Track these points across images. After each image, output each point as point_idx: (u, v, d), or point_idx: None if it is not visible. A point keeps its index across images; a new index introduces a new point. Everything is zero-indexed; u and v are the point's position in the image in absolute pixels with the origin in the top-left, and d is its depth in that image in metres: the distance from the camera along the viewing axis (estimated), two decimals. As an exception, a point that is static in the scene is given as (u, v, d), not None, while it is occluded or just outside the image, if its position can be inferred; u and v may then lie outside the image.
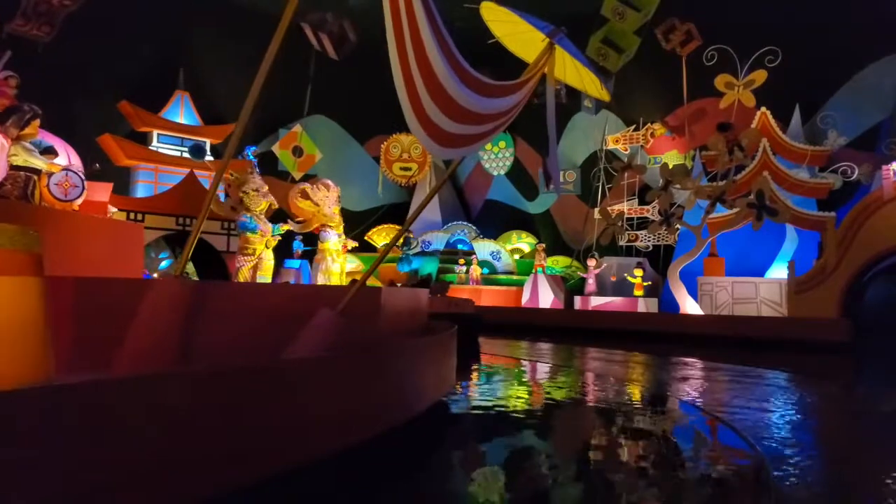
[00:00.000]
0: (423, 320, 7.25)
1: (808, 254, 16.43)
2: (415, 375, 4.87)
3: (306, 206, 7.20)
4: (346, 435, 3.67)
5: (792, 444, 4.61)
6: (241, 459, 2.76)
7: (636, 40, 17.26)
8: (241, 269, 8.71)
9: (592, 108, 20.34)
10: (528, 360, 9.98)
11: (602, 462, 4.15)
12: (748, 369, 9.36)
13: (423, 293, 7.48)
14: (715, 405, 6.12)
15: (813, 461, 4.30)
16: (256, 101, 3.95)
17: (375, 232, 24.52)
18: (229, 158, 3.71)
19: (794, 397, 6.97)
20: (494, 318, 18.13)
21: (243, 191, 9.36)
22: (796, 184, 16.62)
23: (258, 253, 8.97)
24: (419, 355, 4.94)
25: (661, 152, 20.59)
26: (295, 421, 3.17)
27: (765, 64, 17.51)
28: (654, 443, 4.69)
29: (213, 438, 2.61)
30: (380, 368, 4.27)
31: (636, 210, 20.71)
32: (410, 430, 4.43)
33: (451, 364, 6.26)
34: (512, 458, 4.35)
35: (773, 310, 16.05)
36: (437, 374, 5.56)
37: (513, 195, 25.41)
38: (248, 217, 9.07)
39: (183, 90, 22.23)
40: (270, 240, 9.17)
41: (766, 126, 17.42)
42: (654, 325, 16.02)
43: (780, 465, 3.95)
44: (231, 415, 2.73)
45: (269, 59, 3.87)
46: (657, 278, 18.76)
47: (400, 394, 4.65)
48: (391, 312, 5.56)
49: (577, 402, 6.48)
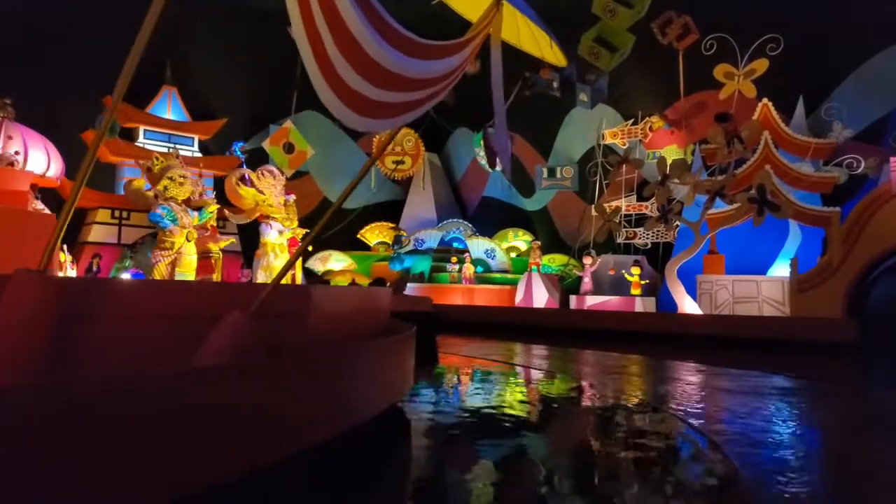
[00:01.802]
0: (384, 321, 6.68)
1: (812, 251, 15.78)
2: (347, 383, 4.28)
3: (248, 195, 6.51)
4: (250, 455, 3.11)
5: (794, 468, 3.96)
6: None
7: (630, 38, 16.66)
8: (158, 266, 7.91)
9: (588, 103, 19.69)
10: (497, 362, 9.46)
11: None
12: (749, 374, 8.73)
13: (385, 292, 6.92)
14: (710, 421, 5.47)
15: (815, 487, 3.66)
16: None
17: (368, 230, 23.99)
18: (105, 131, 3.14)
19: (797, 409, 6.31)
20: (482, 318, 17.67)
21: (168, 177, 8.59)
22: (799, 178, 15.94)
23: (177, 247, 8.16)
24: (353, 361, 4.36)
25: (660, 147, 19.92)
26: (168, 444, 2.60)
27: (766, 52, 16.77)
28: (627, 475, 4.09)
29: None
30: (295, 376, 3.70)
31: (634, 206, 20.05)
32: (341, 444, 3.88)
33: (403, 369, 5.69)
34: (451, 476, 3.78)
35: (775, 309, 15.42)
36: (381, 380, 4.99)
37: (510, 192, 24.80)
38: (166, 209, 8.27)
39: (170, 85, 21.77)
40: (192, 232, 8.44)
41: (768, 118, 16.73)
42: (647, 325, 15.46)
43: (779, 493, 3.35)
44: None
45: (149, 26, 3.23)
46: (655, 277, 18.11)
47: (327, 404, 4.07)
48: (332, 313, 4.98)
49: (536, 416, 5.88)
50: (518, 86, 18.89)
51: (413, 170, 24.82)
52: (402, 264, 21.39)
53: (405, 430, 4.95)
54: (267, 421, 3.33)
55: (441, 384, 7.39)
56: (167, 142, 21.59)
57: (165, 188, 8.35)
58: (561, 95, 20.16)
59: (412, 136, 24.57)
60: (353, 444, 4.07)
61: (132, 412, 2.46)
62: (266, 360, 3.61)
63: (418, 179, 24.90)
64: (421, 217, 24.55)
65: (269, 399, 3.37)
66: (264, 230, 6.68)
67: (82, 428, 2.25)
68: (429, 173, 25.15)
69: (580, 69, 19.08)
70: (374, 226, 23.94)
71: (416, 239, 23.05)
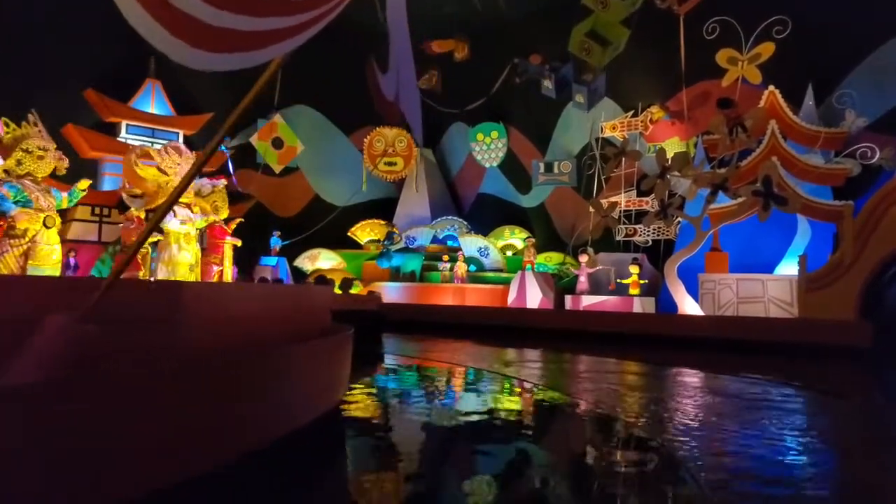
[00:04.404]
0: (318, 323, 5.83)
1: (823, 247, 14.78)
2: (231, 399, 3.44)
3: (149, 176, 5.62)
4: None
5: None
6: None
7: (624, 32, 15.73)
8: (4, 257, 6.85)
9: (584, 104, 18.77)
10: (452, 365, 8.66)
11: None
12: (753, 385, 7.79)
13: (324, 290, 6.10)
14: (710, 454, 4.54)
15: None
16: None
17: (359, 228, 23.16)
18: None
19: (809, 434, 5.32)
20: (471, 320, 16.90)
21: (23, 148, 7.45)
22: (808, 169, 14.92)
23: (31, 235, 7.07)
24: (228, 375, 3.51)
25: (661, 140, 18.91)
26: None
27: (772, 36, 15.66)
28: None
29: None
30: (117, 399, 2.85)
31: (635, 202, 19.06)
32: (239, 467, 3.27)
33: (330, 378, 4.85)
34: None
35: (782, 310, 14.44)
36: (294, 391, 4.15)
37: (506, 188, 23.88)
38: (14, 188, 6.95)
39: (154, 78, 21.07)
40: (53, 217, 7.32)
41: (775, 106, 15.69)
42: (640, 326, 14.64)
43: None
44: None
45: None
46: (656, 276, 17.12)
47: (205, 425, 3.24)
48: (220, 315, 4.14)
49: (482, 428, 5.03)
50: (506, 72, 17.96)
51: (406, 171, 23.98)
52: (391, 262, 20.54)
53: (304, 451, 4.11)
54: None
55: (381, 389, 6.59)
56: (150, 136, 20.92)
57: (19, 162, 7.10)
58: (556, 96, 19.27)
59: (405, 137, 23.74)
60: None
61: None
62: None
63: (411, 181, 24.06)
64: (415, 215, 23.71)
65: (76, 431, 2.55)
66: (166, 217, 5.82)
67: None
68: (423, 172, 24.29)
69: (576, 69, 18.21)
70: (365, 223, 23.12)
71: (408, 237, 22.19)
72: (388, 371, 8.06)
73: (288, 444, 3.95)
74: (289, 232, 21.64)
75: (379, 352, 8.38)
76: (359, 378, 6.62)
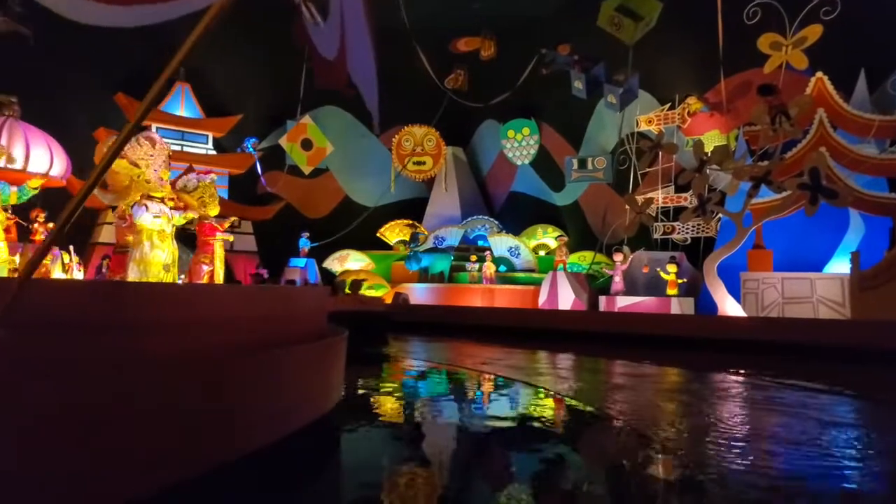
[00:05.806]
0: (316, 325, 5.42)
1: (877, 244, 13.76)
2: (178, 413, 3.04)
3: (121, 168, 5.30)
4: None
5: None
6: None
7: (657, 6, 14.93)
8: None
9: (617, 105, 18.05)
10: (469, 371, 8.16)
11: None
12: (801, 396, 7.04)
13: (319, 292, 5.71)
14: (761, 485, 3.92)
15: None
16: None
17: (388, 228, 22.86)
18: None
19: (866, 459, 4.59)
20: (500, 322, 16.30)
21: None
22: (860, 160, 13.89)
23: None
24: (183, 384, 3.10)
25: (699, 133, 17.99)
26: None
27: (820, 17, 14.62)
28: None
29: None
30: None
31: (673, 198, 18.19)
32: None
33: (319, 385, 4.44)
34: None
35: (832, 311, 13.46)
36: (271, 399, 3.74)
37: (539, 186, 23.22)
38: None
39: (183, 81, 21.23)
40: (2, 217, 6.92)
41: (823, 93, 14.69)
42: (676, 328, 13.82)
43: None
44: None
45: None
46: (696, 275, 16.23)
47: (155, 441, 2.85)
48: (195, 318, 3.75)
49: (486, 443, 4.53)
50: (533, 62, 17.32)
51: (434, 170, 23.58)
52: (420, 263, 20.14)
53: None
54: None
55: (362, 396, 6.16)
56: (180, 139, 21.06)
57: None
58: (587, 97, 18.58)
59: (433, 136, 23.36)
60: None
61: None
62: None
63: (440, 180, 23.65)
64: (445, 214, 23.29)
65: None
66: (137, 212, 5.48)
67: None
68: (452, 171, 23.87)
69: (608, 69, 17.51)
70: (393, 224, 22.82)
71: (437, 237, 21.76)
72: (397, 374, 7.64)
73: (272, 455, 3.57)
74: (319, 233, 21.47)
75: (384, 352, 8.02)
76: (359, 378, 6.26)
